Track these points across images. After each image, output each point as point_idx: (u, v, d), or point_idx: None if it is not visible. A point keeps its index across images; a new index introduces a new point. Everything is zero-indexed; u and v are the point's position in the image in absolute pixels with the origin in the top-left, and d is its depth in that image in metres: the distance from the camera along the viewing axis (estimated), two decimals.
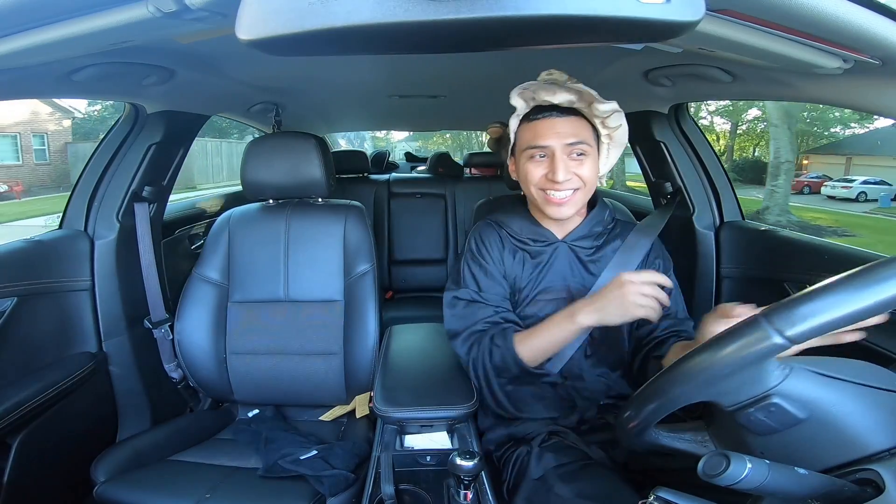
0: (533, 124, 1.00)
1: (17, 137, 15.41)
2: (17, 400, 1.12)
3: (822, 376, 0.56)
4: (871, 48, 0.64)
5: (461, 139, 21.66)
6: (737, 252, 1.42)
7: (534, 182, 1.01)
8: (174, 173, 1.61)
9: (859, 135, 21.11)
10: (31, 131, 15.53)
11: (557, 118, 0.98)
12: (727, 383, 0.56)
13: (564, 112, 0.98)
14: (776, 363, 0.54)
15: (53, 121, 16.13)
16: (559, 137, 0.97)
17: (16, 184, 14.50)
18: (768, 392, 0.55)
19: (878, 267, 0.49)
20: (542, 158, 1.00)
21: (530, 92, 1.00)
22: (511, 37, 0.49)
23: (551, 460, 0.96)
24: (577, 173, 0.98)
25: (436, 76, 1.65)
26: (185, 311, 1.51)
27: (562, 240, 1.08)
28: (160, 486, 1.16)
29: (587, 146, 0.99)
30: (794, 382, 0.55)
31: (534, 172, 1.00)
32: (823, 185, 17.67)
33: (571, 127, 0.98)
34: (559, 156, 0.97)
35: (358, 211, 1.58)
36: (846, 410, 0.55)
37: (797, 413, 0.55)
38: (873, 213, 14.56)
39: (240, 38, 0.47)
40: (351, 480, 1.16)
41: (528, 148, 1.01)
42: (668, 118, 1.51)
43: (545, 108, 0.99)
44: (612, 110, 0.96)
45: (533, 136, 1.00)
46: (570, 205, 1.00)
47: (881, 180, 16.38)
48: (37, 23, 0.69)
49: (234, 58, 1.23)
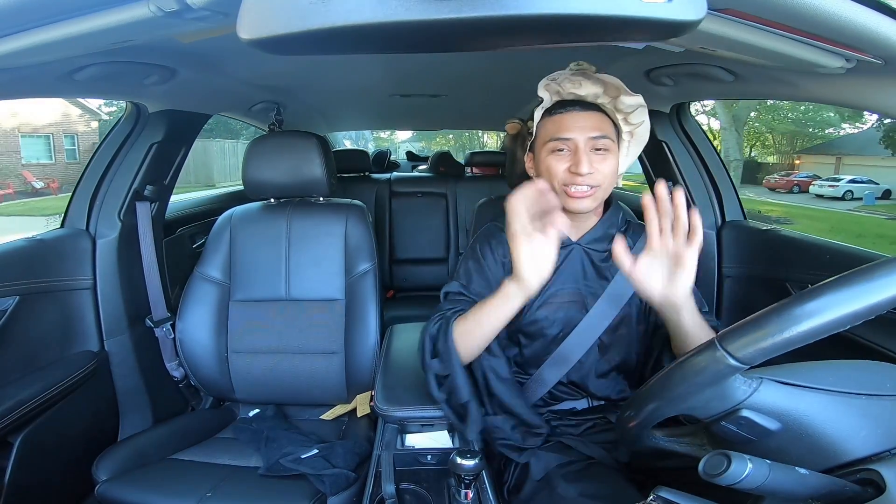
0: (556, 118, 0.99)
1: (50, 138, 16.20)
2: (18, 399, 1.12)
3: (792, 387, 0.56)
4: (874, 48, 0.64)
5: (463, 139, 21.67)
6: (739, 252, 1.42)
7: (556, 176, 0.98)
8: (175, 172, 1.61)
9: (850, 135, 21.61)
10: (62, 132, 16.22)
11: (581, 112, 0.97)
12: (694, 400, 0.58)
13: (588, 107, 0.98)
14: (742, 378, 0.56)
15: (82, 122, 16.69)
16: (583, 131, 0.96)
17: (52, 181, 15.26)
18: (737, 406, 0.56)
19: (827, 287, 0.50)
20: (564, 152, 0.98)
21: (556, 84, 0.99)
22: (512, 36, 0.49)
23: (554, 460, 0.96)
24: (599, 168, 0.97)
25: (437, 75, 1.65)
26: (187, 309, 1.51)
27: (576, 242, 1.06)
28: (161, 485, 1.17)
29: (609, 141, 0.98)
30: (764, 395, 0.56)
31: (556, 167, 0.98)
32: (811, 185, 18.33)
33: (595, 121, 0.97)
34: (583, 149, 0.96)
35: (359, 210, 1.58)
36: (820, 419, 0.55)
37: (767, 425, 0.56)
38: (829, 208, 15.32)
39: (241, 38, 0.47)
40: (352, 479, 1.16)
41: (550, 141, 0.99)
42: (669, 118, 1.51)
43: (568, 102, 0.99)
44: (637, 104, 0.96)
45: (556, 129, 0.98)
46: (591, 199, 0.99)
47: (869, 179, 16.95)
48: (38, 22, 0.69)
49: (236, 57, 1.23)
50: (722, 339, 0.54)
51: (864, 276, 0.49)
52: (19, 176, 15.17)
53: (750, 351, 0.52)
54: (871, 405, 0.56)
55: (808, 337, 0.50)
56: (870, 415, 0.56)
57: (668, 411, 0.61)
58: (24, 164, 15.47)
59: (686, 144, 1.52)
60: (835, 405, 0.56)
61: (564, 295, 1.04)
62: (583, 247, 1.05)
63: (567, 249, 1.05)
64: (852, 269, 0.50)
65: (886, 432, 0.55)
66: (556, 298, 1.04)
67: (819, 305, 0.49)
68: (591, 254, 1.05)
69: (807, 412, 0.55)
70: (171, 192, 1.65)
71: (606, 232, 1.06)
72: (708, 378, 0.55)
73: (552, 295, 1.04)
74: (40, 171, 15.50)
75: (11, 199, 13.87)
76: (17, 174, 15.15)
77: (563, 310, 1.04)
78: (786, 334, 0.50)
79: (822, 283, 0.51)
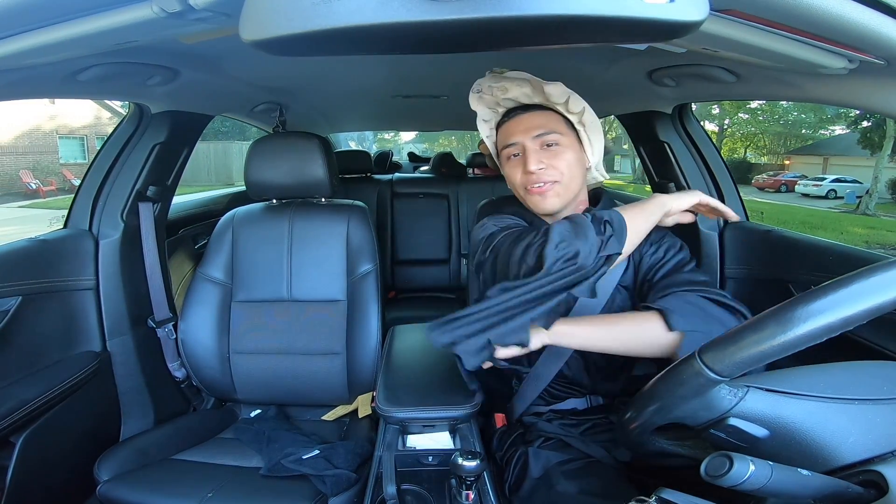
0: (504, 126, 1.04)
1: (84, 139, 17.95)
2: (21, 399, 1.12)
3: (779, 394, 0.56)
4: (877, 48, 0.64)
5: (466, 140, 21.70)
6: (741, 253, 1.42)
7: (516, 182, 1.02)
8: (178, 173, 1.62)
9: (838, 136, 22.94)
10: (95, 134, 17.72)
11: (522, 114, 1.01)
12: (680, 411, 0.59)
13: (529, 108, 1.01)
14: (728, 388, 0.56)
15: (112, 124, 17.84)
16: (526, 132, 0.99)
17: None
18: (724, 415, 0.57)
19: (802, 300, 0.50)
20: (518, 157, 1.01)
21: (489, 95, 1.03)
22: (514, 37, 0.49)
23: (553, 458, 0.95)
24: (552, 164, 0.98)
25: (439, 76, 1.66)
26: (189, 310, 1.51)
27: None
28: (163, 486, 1.17)
29: (558, 135, 0.99)
30: (750, 404, 0.56)
31: (514, 173, 1.02)
32: (797, 184, 19.71)
33: (537, 119, 1.00)
34: (530, 148, 0.98)
35: (361, 211, 1.59)
36: (807, 426, 0.56)
37: (755, 433, 0.57)
38: (812, 206, 16.67)
39: (243, 39, 0.47)
40: (353, 480, 1.16)
41: (503, 149, 1.04)
42: (671, 118, 1.51)
43: (511, 109, 1.03)
44: (564, 93, 0.96)
45: (505, 136, 1.03)
46: (552, 195, 0.99)
47: (854, 179, 18.11)
48: (42, 23, 0.69)
49: (238, 58, 1.23)
50: (701, 353, 0.55)
51: (837, 288, 0.49)
52: (59, 174, 16.81)
53: (727, 364, 0.53)
54: (862, 410, 0.56)
55: (784, 349, 0.50)
56: (859, 419, 0.56)
57: (657, 420, 0.62)
58: (62, 163, 17.22)
59: (688, 145, 1.52)
60: (822, 411, 0.56)
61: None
62: None
63: None
64: (827, 282, 0.50)
65: (882, 435, 0.55)
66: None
67: (794, 318, 0.50)
68: None
69: (793, 419, 0.56)
70: (174, 193, 1.65)
71: None
72: (690, 390, 0.56)
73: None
74: (76, 170, 16.69)
75: (54, 195, 15.48)
76: (57, 172, 16.85)
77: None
78: (761, 347, 0.51)
79: (796, 297, 0.51)
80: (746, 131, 25.31)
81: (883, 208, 15.38)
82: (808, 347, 0.51)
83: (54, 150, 16.99)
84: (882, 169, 14.99)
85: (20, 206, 13.72)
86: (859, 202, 15.72)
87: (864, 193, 15.89)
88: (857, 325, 0.48)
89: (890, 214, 14.70)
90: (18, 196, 15.13)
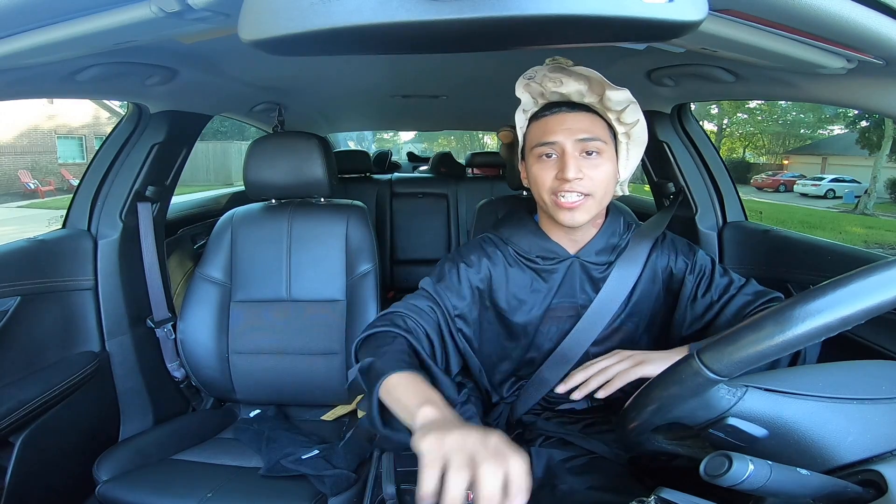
0: (541, 121, 0.93)
1: (83, 139, 17.81)
2: (20, 399, 1.12)
3: (777, 394, 0.57)
4: (875, 48, 0.64)
5: (465, 140, 21.72)
6: (740, 253, 1.42)
7: (545, 186, 0.92)
8: (177, 173, 1.62)
9: (837, 136, 23.11)
10: (94, 134, 17.57)
11: (567, 113, 0.91)
12: (680, 410, 0.59)
13: (575, 107, 0.91)
14: (726, 388, 0.56)
15: (110, 124, 17.72)
16: (570, 133, 0.89)
17: None
18: (722, 415, 0.57)
19: (800, 300, 0.50)
20: (552, 158, 0.91)
21: (537, 84, 0.94)
22: (513, 37, 0.49)
23: (556, 455, 0.94)
24: (590, 175, 0.90)
25: (438, 76, 1.65)
26: (188, 310, 1.51)
27: (574, 255, 1.01)
28: (162, 486, 1.17)
29: (601, 143, 0.90)
30: (749, 403, 0.56)
31: (543, 175, 0.92)
32: (796, 184, 19.77)
33: (583, 122, 0.90)
34: (570, 152, 0.89)
35: (360, 211, 1.59)
36: (805, 426, 0.56)
37: (753, 432, 0.57)
38: (810, 206, 16.83)
39: (242, 39, 0.47)
40: (352, 480, 1.16)
41: (536, 146, 0.93)
42: (670, 118, 1.51)
43: (554, 103, 0.94)
44: (626, 101, 0.89)
45: (541, 133, 0.92)
46: (583, 210, 0.91)
47: (852, 179, 18.20)
48: (40, 23, 0.69)
49: (237, 58, 1.23)
50: (700, 353, 0.55)
51: (836, 287, 0.49)
52: (57, 174, 16.71)
53: (725, 364, 0.53)
54: (861, 409, 0.56)
55: (782, 349, 0.50)
56: (858, 419, 0.56)
57: (656, 420, 0.62)
58: (60, 163, 17.13)
59: (687, 145, 1.52)
60: (821, 411, 0.56)
61: (562, 309, 1.02)
62: (581, 260, 1.01)
63: (566, 263, 1.00)
64: (825, 282, 0.50)
65: (881, 434, 0.56)
66: (553, 313, 1.02)
67: (792, 318, 0.50)
68: (590, 268, 1.01)
69: (792, 419, 0.56)
70: (173, 193, 1.65)
71: (608, 243, 1.01)
72: (689, 390, 0.56)
73: (550, 310, 1.02)
74: (75, 170, 16.64)
75: (52, 195, 15.38)
76: (56, 172, 16.77)
77: (558, 325, 1.02)
78: (760, 346, 0.51)
79: (795, 297, 0.51)
80: (745, 131, 25.55)
81: (881, 208, 15.48)
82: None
83: (53, 150, 16.95)
84: (880, 169, 15.12)
85: (18, 207, 13.68)
86: (858, 202, 15.81)
87: (862, 193, 15.98)
88: (856, 324, 0.48)
89: (888, 214, 14.82)
90: (17, 196, 15.09)
